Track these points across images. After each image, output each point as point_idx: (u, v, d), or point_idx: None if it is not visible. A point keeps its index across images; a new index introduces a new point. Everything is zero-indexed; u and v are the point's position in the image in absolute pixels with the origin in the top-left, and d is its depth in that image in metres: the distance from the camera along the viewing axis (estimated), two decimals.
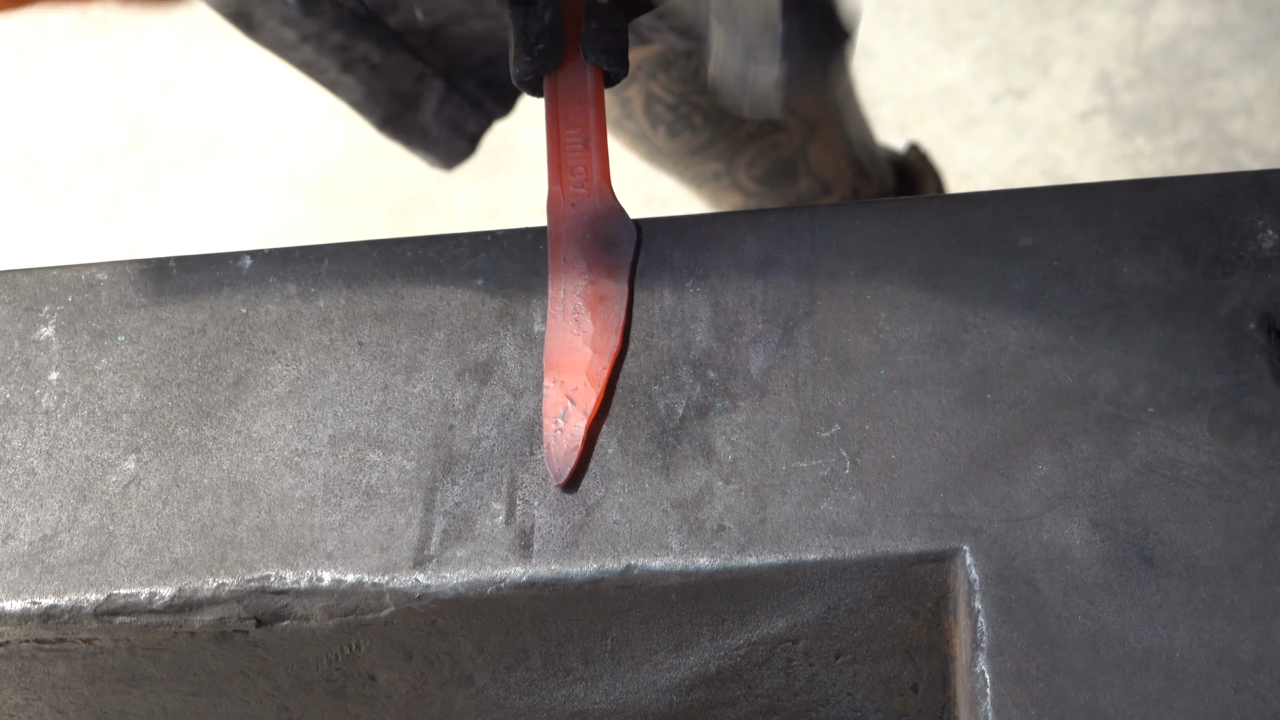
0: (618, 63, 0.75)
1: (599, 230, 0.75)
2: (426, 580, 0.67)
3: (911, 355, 0.70)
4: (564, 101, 0.76)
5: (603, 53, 0.75)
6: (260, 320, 0.75)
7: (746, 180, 1.26)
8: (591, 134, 0.76)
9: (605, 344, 0.73)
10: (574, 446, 0.70)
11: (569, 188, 0.76)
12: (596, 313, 0.74)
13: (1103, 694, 0.62)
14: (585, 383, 0.72)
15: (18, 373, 0.75)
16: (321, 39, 1.01)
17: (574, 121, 0.76)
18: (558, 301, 0.74)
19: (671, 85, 1.17)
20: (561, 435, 0.70)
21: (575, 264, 0.75)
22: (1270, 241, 0.71)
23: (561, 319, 0.74)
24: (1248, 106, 1.80)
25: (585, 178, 0.76)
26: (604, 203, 0.76)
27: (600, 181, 0.76)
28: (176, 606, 0.68)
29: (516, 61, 0.75)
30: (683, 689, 0.70)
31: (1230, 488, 0.66)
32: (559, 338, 0.73)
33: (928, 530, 0.66)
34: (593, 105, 0.76)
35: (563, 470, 0.69)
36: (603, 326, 0.73)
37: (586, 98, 0.76)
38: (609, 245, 0.75)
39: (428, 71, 1.04)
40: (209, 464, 0.72)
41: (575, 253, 0.75)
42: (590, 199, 0.76)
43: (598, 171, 0.76)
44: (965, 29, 1.92)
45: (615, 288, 0.74)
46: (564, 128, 0.76)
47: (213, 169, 1.99)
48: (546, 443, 0.70)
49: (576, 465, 0.70)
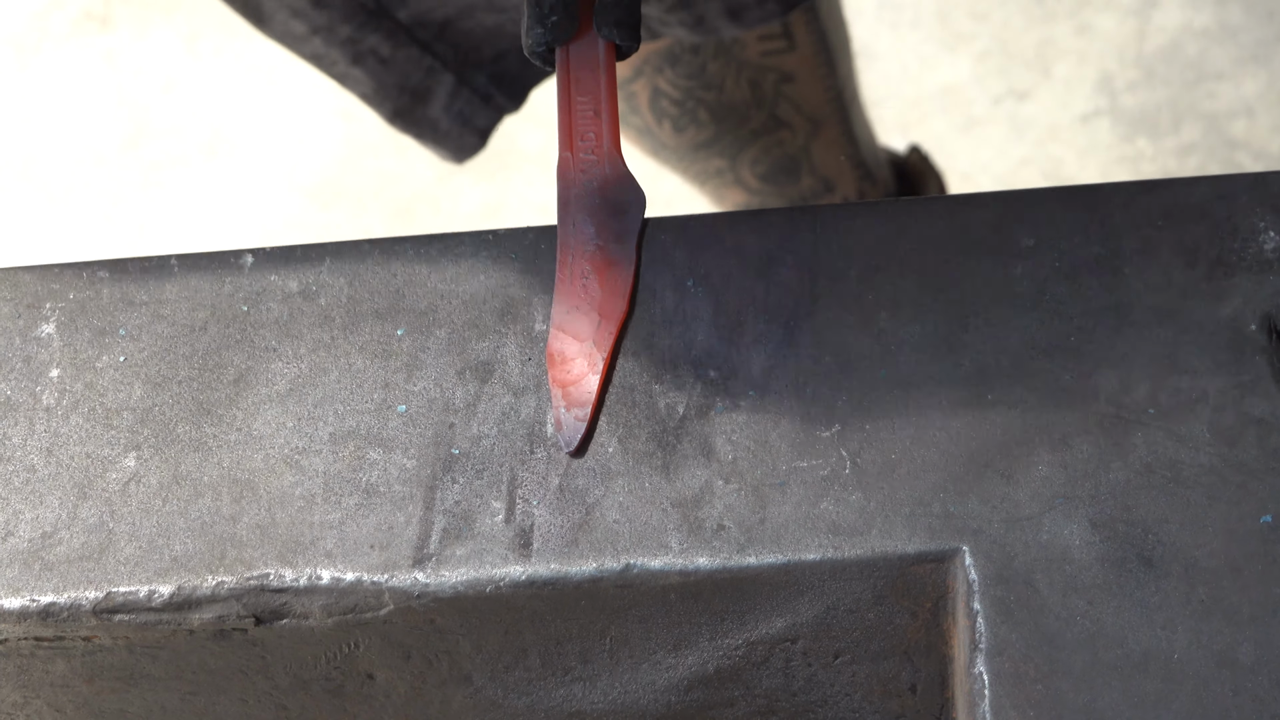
0: (629, 37, 0.75)
1: (608, 196, 0.75)
2: (426, 579, 0.67)
3: (912, 355, 0.70)
4: (575, 69, 0.76)
5: (615, 26, 0.75)
6: (261, 318, 0.75)
7: (750, 177, 1.26)
8: (603, 102, 0.76)
9: (613, 309, 0.73)
10: (583, 412, 0.70)
11: (579, 154, 0.76)
12: (604, 278, 0.74)
13: (1101, 695, 0.62)
14: (593, 348, 0.72)
15: (18, 369, 0.75)
16: (331, 31, 1.01)
17: (585, 89, 0.76)
18: (566, 266, 0.74)
19: (677, 81, 1.17)
20: (570, 400, 0.70)
21: (584, 229, 0.75)
22: (1271, 243, 0.71)
23: (569, 284, 0.74)
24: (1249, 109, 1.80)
25: (595, 144, 0.76)
26: (614, 169, 0.76)
27: (610, 148, 0.76)
28: (175, 604, 0.68)
29: (529, 32, 0.75)
30: (681, 689, 0.70)
31: (1230, 489, 0.66)
32: (566, 302, 0.73)
33: (927, 530, 0.66)
34: (604, 74, 0.76)
35: (573, 437, 0.70)
36: (610, 291, 0.73)
37: (599, 66, 0.76)
38: (618, 211, 0.75)
39: (437, 65, 1.04)
40: (209, 461, 0.72)
41: (584, 218, 0.75)
42: (600, 165, 0.76)
43: (608, 138, 0.76)
44: (967, 30, 1.92)
45: (623, 253, 0.74)
46: (575, 94, 0.76)
47: (214, 167, 1.99)
48: (555, 409, 0.70)
49: (586, 431, 0.70)
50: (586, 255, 0.74)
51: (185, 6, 2.10)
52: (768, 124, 1.21)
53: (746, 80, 1.17)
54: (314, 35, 1.01)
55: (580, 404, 0.70)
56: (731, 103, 1.18)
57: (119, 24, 2.11)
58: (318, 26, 1.00)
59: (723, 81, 1.17)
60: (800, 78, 1.18)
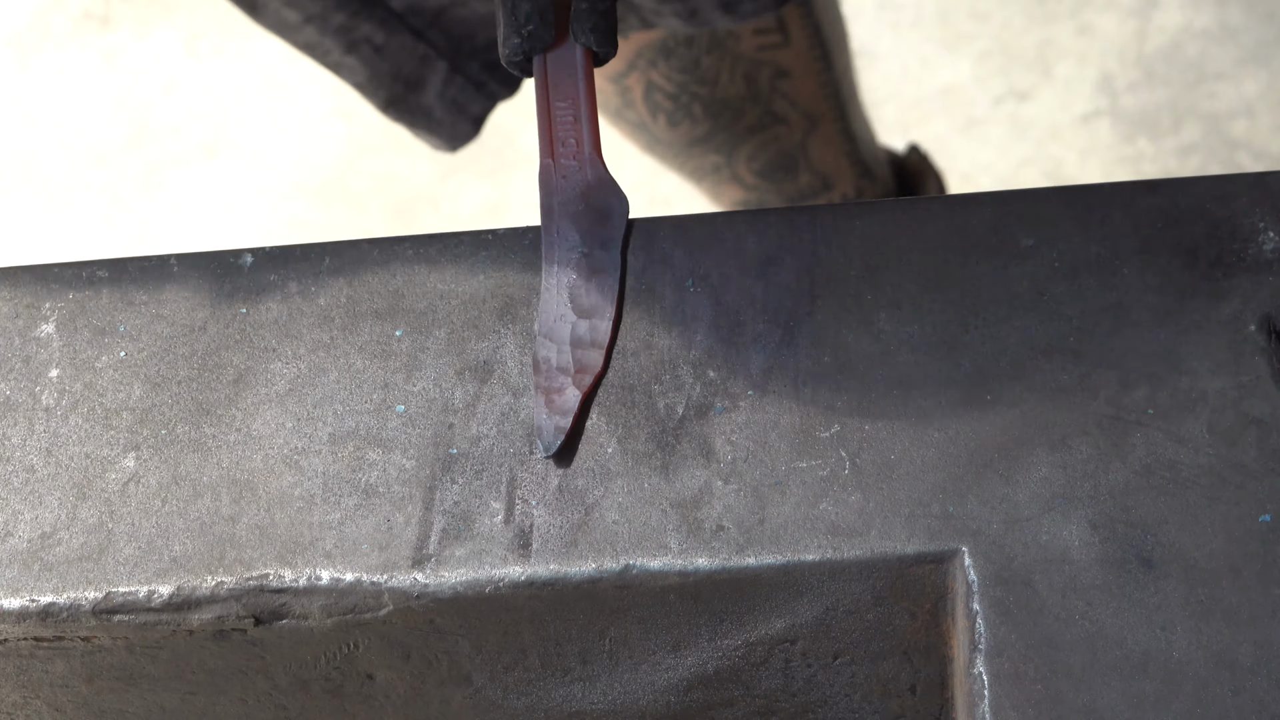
0: (606, 43, 0.75)
1: (591, 202, 0.75)
2: (425, 579, 0.67)
3: (911, 355, 0.70)
4: (554, 75, 0.76)
5: (591, 32, 0.75)
6: (261, 318, 0.75)
7: (746, 173, 1.26)
8: (582, 106, 0.76)
9: (600, 316, 0.73)
10: (565, 421, 0.70)
11: (560, 160, 0.76)
12: (590, 284, 0.74)
13: (1100, 696, 0.62)
14: (580, 355, 0.72)
15: (18, 369, 0.75)
16: (324, 20, 1.01)
17: (564, 94, 0.76)
18: (551, 274, 0.74)
19: (672, 74, 1.17)
20: (553, 408, 0.70)
21: (568, 236, 0.75)
22: (1271, 244, 0.71)
23: (555, 291, 0.74)
24: (1249, 109, 1.80)
25: (576, 150, 0.76)
26: (595, 174, 0.76)
27: (591, 153, 0.76)
28: (175, 605, 0.68)
29: (505, 42, 0.75)
30: (680, 689, 0.70)
31: (1229, 490, 0.66)
32: (553, 309, 0.73)
33: (926, 531, 0.66)
34: (582, 79, 0.76)
35: (552, 443, 0.69)
36: (597, 298, 0.73)
37: (576, 72, 0.76)
38: (601, 217, 0.75)
39: (431, 53, 1.04)
40: (208, 462, 0.72)
41: (567, 225, 0.75)
42: (581, 171, 0.76)
43: (589, 143, 0.76)
44: (967, 30, 1.92)
45: (608, 259, 0.74)
46: (554, 100, 0.76)
47: (214, 167, 1.99)
48: (538, 415, 0.70)
49: (567, 438, 0.70)
50: (571, 262, 0.74)
51: (185, 6, 2.10)
52: (764, 119, 1.21)
53: (741, 75, 1.17)
54: (307, 24, 1.01)
55: (564, 412, 0.70)
56: (726, 98, 1.19)
57: (119, 24, 2.11)
58: (311, 15, 1.00)
59: (717, 76, 1.17)
60: (796, 73, 1.18)
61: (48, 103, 2.08)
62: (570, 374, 0.71)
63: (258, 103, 2.02)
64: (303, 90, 2.01)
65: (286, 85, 2.02)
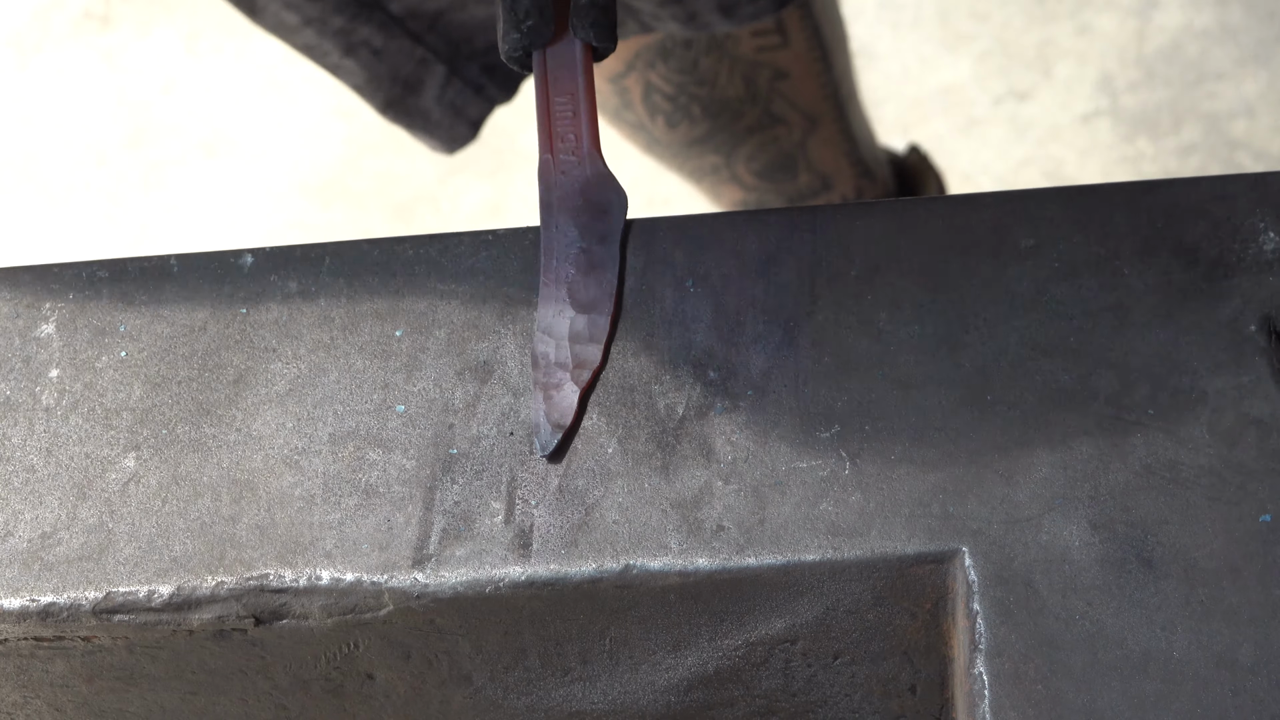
0: (605, 38, 0.75)
1: (590, 197, 0.75)
2: (425, 579, 0.67)
3: (912, 356, 0.70)
4: (553, 71, 0.76)
5: (590, 28, 0.75)
6: (261, 318, 0.75)
7: (745, 174, 1.26)
8: (581, 102, 0.76)
9: (599, 311, 0.73)
10: (564, 417, 0.70)
11: (559, 155, 0.76)
12: (589, 279, 0.74)
13: (1100, 696, 0.62)
14: (579, 351, 0.72)
15: (18, 370, 0.75)
16: (323, 23, 1.01)
17: (563, 89, 0.76)
18: (550, 269, 0.74)
19: (670, 75, 1.17)
20: (551, 404, 0.70)
21: (567, 231, 0.75)
22: (1271, 244, 0.71)
23: (554, 287, 0.74)
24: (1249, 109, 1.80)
25: (575, 145, 0.76)
26: (594, 169, 0.76)
27: (590, 148, 0.76)
28: (175, 605, 0.68)
29: (505, 37, 0.75)
30: (681, 689, 0.70)
31: (1230, 490, 0.66)
32: (551, 305, 0.73)
33: (927, 531, 0.66)
34: (581, 74, 0.76)
35: (549, 441, 0.70)
36: (595, 293, 0.73)
37: (576, 68, 0.76)
38: (600, 212, 0.75)
39: (429, 56, 1.04)
40: (208, 462, 0.72)
41: (566, 220, 0.75)
42: (580, 166, 0.76)
43: (587, 138, 0.76)
44: (967, 30, 1.92)
45: (607, 254, 0.74)
46: (554, 96, 0.76)
47: (214, 167, 1.99)
48: (536, 412, 0.70)
49: (565, 436, 0.70)
50: (570, 258, 0.74)
51: (185, 6, 2.10)
52: (763, 120, 1.21)
53: (740, 76, 1.17)
54: (306, 26, 1.01)
55: (562, 409, 0.70)
56: (725, 98, 1.19)
57: (119, 24, 2.11)
58: (310, 18, 1.01)
59: (716, 77, 1.17)
60: (795, 74, 1.18)
61: (48, 102, 2.08)
62: (569, 369, 0.71)
63: (258, 102, 2.02)
64: (303, 90, 2.01)
65: (286, 85, 2.02)
